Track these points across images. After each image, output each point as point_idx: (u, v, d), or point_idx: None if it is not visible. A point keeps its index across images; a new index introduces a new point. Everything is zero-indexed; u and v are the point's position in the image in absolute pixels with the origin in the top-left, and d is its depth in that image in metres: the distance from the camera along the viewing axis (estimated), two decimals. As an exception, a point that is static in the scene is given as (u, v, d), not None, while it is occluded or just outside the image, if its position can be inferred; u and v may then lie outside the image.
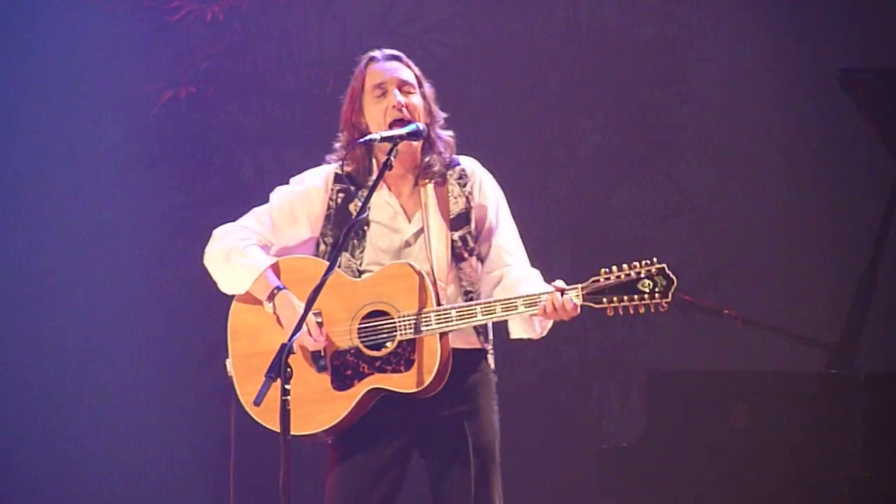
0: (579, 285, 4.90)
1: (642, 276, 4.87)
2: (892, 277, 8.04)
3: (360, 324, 4.99)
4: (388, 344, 4.96)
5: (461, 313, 4.92)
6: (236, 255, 5.01)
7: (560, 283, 4.91)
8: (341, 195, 5.12)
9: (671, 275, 4.86)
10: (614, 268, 4.89)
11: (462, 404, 5.05)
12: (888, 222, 7.50)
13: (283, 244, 5.12)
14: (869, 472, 7.04)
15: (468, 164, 5.21)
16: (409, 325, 4.93)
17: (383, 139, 5.00)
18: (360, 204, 5.06)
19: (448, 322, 4.92)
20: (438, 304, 4.96)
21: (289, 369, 4.59)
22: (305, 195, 5.11)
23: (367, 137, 5.01)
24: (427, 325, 4.92)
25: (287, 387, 4.58)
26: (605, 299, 4.86)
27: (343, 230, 5.06)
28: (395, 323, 4.96)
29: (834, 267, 8.59)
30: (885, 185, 7.62)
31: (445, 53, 8.86)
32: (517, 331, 5.09)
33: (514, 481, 8.90)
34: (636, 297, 4.86)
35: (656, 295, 4.86)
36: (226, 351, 5.09)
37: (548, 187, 8.84)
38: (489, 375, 5.15)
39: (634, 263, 4.88)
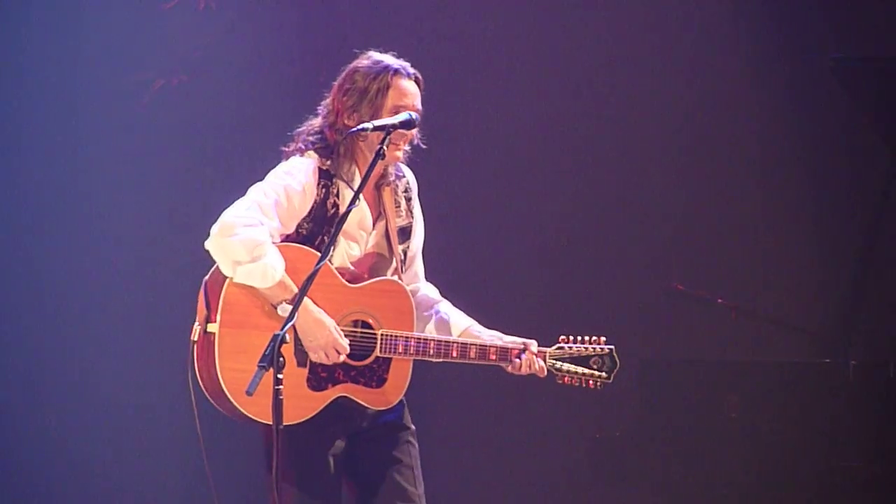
0: (547, 350, 5.23)
1: (595, 353, 5.28)
2: (885, 267, 8.05)
3: (342, 328, 5.02)
4: (367, 357, 5.05)
5: (438, 349, 5.13)
6: (263, 255, 4.93)
7: (534, 345, 5.22)
8: (323, 191, 5.12)
9: (617, 359, 5.28)
10: (571, 337, 5.27)
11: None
12: (881, 212, 7.51)
13: (281, 240, 5.08)
14: (860, 461, 7.06)
15: (410, 176, 5.30)
16: (391, 344, 5.06)
17: (376, 128, 4.99)
18: (336, 201, 5.08)
19: (426, 354, 5.11)
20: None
21: (282, 359, 4.60)
22: (303, 195, 5.08)
23: (360, 126, 5.01)
24: (406, 350, 5.07)
25: (280, 376, 4.58)
26: (564, 367, 5.25)
27: (318, 223, 5.08)
28: (376, 337, 5.05)
29: (827, 257, 8.59)
30: (878, 175, 7.63)
31: (439, 46, 8.85)
32: None
33: (507, 470, 8.94)
34: (586, 370, 5.26)
35: (603, 373, 5.27)
36: (204, 318, 5.01)
37: (534, 182, 8.83)
38: None
39: (586, 338, 5.27)
